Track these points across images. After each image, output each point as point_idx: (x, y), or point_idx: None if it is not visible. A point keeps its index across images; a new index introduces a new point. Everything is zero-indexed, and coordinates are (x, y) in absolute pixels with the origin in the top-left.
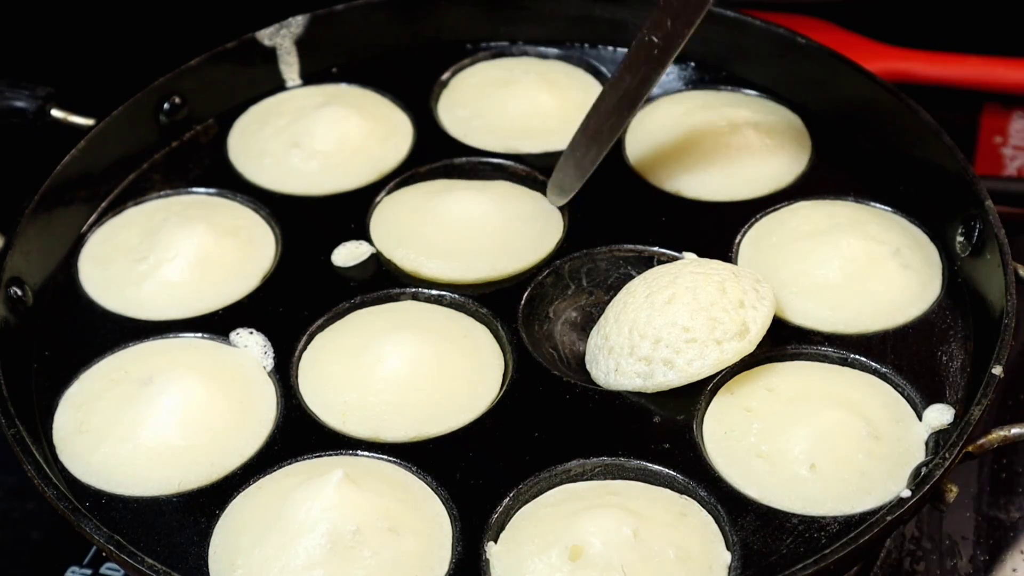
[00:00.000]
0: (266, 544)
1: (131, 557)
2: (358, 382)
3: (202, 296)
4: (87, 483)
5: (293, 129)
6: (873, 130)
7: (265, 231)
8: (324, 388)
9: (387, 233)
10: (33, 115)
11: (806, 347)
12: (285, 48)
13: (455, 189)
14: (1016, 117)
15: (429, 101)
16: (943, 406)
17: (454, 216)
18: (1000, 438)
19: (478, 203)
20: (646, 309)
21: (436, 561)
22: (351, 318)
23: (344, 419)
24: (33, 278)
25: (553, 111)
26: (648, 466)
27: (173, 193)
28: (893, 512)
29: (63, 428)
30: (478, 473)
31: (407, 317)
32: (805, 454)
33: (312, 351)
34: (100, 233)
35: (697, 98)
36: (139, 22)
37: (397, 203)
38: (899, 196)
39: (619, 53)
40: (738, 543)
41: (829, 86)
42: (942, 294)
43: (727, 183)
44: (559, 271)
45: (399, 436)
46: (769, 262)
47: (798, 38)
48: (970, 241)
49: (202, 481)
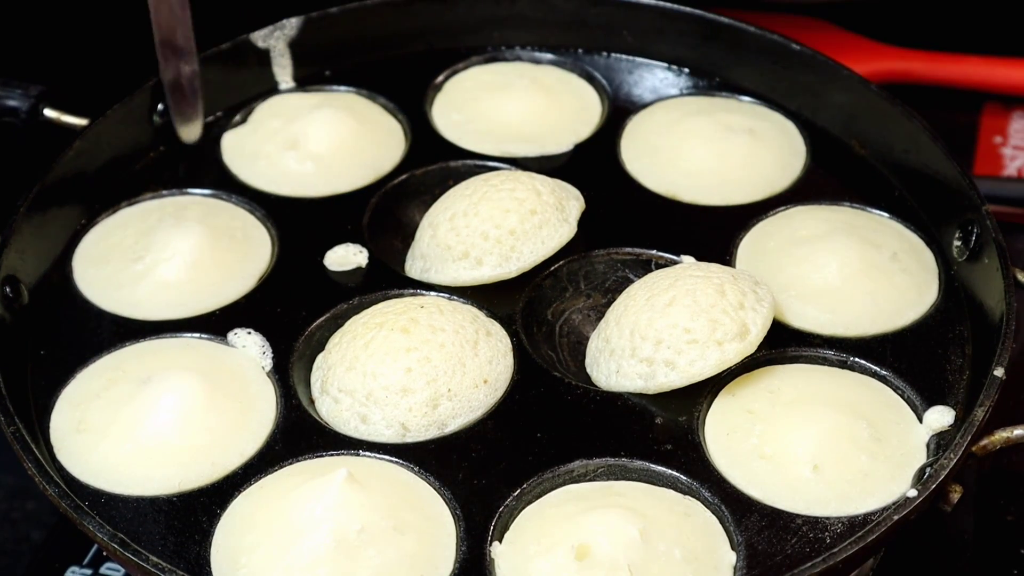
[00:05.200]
0: (270, 543)
1: (135, 555)
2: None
3: (199, 296)
4: (86, 482)
5: (288, 131)
6: (868, 135)
7: (261, 232)
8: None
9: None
10: (26, 114)
11: (806, 350)
12: (279, 50)
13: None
14: (1016, 117)
15: (423, 104)
16: (943, 408)
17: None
18: (1003, 439)
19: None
20: (647, 312)
21: (441, 561)
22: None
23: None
24: (28, 277)
25: (547, 115)
26: (651, 467)
27: (167, 194)
28: (899, 512)
29: (60, 427)
30: (481, 473)
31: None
32: (808, 455)
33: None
34: (95, 233)
35: (692, 104)
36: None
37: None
38: (895, 201)
39: (612, 58)
40: (743, 543)
41: (824, 91)
42: (939, 298)
43: (723, 188)
44: (557, 274)
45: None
46: (767, 266)
47: (792, 44)
48: (967, 246)
49: (203, 481)
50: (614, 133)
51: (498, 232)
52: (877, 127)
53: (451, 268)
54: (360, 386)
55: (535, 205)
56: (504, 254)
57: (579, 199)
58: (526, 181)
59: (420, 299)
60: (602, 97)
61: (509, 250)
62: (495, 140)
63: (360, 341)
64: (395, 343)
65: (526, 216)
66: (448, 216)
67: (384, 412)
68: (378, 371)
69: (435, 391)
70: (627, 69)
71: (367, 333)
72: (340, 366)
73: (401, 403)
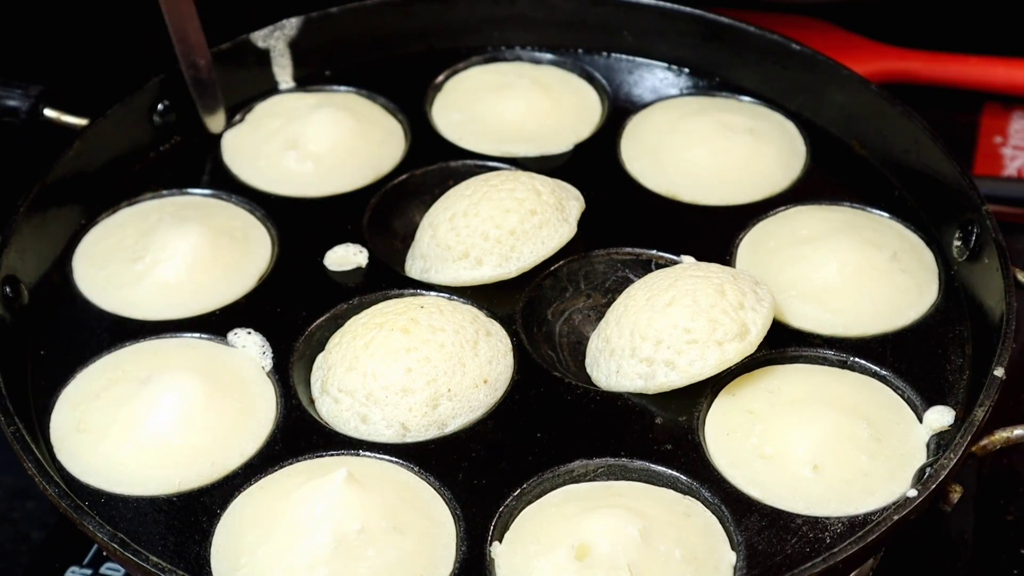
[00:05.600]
0: (270, 543)
1: (135, 555)
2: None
3: (199, 296)
4: (86, 482)
5: (288, 131)
6: (868, 135)
7: (261, 232)
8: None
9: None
10: (26, 114)
11: (806, 350)
12: (279, 50)
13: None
14: (1016, 117)
15: (423, 104)
16: (943, 408)
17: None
18: (1003, 439)
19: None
20: (647, 312)
21: (441, 560)
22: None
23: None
24: (28, 277)
25: (547, 115)
26: (651, 467)
27: (167, 194)
28: (900, 511)
29: (60, 427)
30: (481, 473)
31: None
32: (808, 455)
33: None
34: (94, 233)
35: (692, 104)
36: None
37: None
38: (895, 201)
39: (612, 58)
40: (743, 543)
41: (824, 91)
42: (939, 298)
43: (723, 188)
44: (557, 274)
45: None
46: (767, 266)
47: (792, 44)
48: (967, 246)
49: (203, 481)
50: (614, 133)
51: (498, 232)
52: (877, 127)
53: (451, 268)
54: (360, 386)
55: (535, 205)
56: (504, 254)
57: (579, 199)
58: (526, 181)
59: (420, 299)
60: (602, 97)
61: (509, 250)
62: (495, 140)
63: (360, 341)
64: (395, 343)
65: (526, 216)
66: (448, 216)
67: (384, 412)
68: (378, 371)
69: (435, 391)
70: (627, 69)
71: (367, 333)
72: (340, 366)
73: (401, 403)
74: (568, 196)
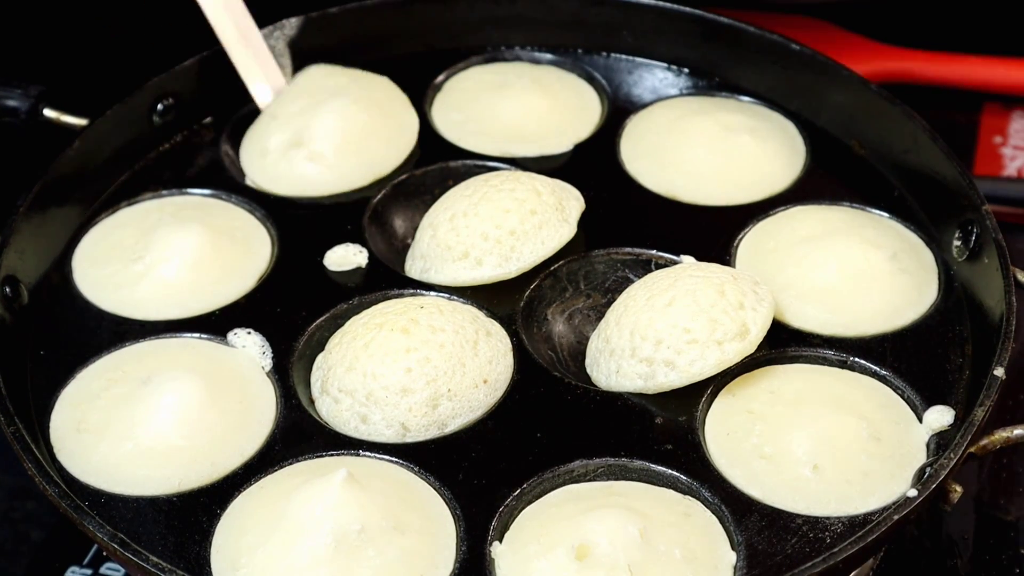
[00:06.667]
0: (270, 543)
1: (135, 555)
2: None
3: (199, 296)
4: (86, 482)
5: (289, 131)
6: (868, 135)
7: (260, 232)
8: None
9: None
10: (26, 114)
11: (806, 349)
12: (278, 50)
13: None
14: (1016, 117)
15: (423, 104)
16: (943, 408)
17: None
18: (1003, 439)
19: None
20: (647, 312)
21: (441, 560)
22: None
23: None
24: (28, 277)
25: (547, 115)
26: (651, 467)
27: (167, 194)
28: (900, 511)
29: (60, 427)
30: (481, 473)
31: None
32: (808, 455)
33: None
34: (94, 233)
35: (691, 103)
36: (133, 21)
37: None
38: (895, 201)
39: (612, 58)
40: (743, 543)
41: (823, 91)
42: (939, 298)
43: (723, 188)
44: (557, 274)
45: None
46: (767, 266)
47: (792, 44)
48: (967, 246)
49: (203, 481)
50: (614, 133)
51: (498, 232)
52: (877, 127)
53: (451, 268)
54: (360, 386)
55: (535, 205)
56: (504, 254)
57: (579, 199)
58: (526, 181)
59: (420, 299)
60: (602, 97)
61: (509, 250)
62: (495, 140)
63: (360, 341)
64: (395, 343)
65: (526, 216)
66: (448, 216)
67: (384, 412)
68: (378, 371)
69: (435, 391)
70: (627, 69)
71: (367, 333)
72: (340, 366)
73: (401, 403)
74: (568, 196)
